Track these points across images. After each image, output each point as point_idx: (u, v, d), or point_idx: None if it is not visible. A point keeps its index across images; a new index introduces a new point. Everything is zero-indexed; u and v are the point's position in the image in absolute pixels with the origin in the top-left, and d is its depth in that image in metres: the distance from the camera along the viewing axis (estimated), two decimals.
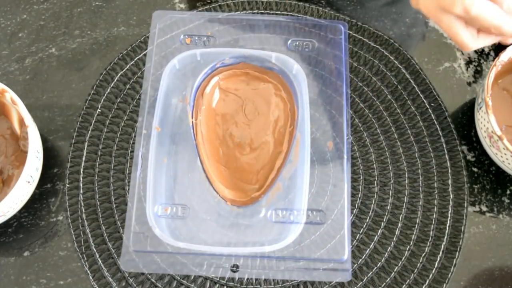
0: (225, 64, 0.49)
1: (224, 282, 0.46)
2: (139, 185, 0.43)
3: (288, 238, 0.42)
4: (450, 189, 0.50)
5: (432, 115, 0.53)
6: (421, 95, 0.53)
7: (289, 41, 0.49)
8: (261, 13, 0.56)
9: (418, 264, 0.47)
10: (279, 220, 0.43)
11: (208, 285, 0.46)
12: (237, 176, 0.47)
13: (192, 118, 0.47)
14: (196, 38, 0.49)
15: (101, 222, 0.48)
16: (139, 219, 0.42)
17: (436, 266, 0.47)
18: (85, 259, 0.47)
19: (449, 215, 0.49)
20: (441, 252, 0.48)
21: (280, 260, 0.42)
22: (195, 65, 0.48)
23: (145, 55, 0.54)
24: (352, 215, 0.49)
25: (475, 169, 0.52)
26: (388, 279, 0.47)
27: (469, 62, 0.56)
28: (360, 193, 0.50)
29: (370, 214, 0.49)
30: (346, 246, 0.42)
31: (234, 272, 0.42)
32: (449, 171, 0.51)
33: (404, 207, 0.49)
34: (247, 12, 0.56)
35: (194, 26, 0.49)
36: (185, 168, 0.46)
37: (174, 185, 0.45)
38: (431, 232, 0.48)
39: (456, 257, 0.48)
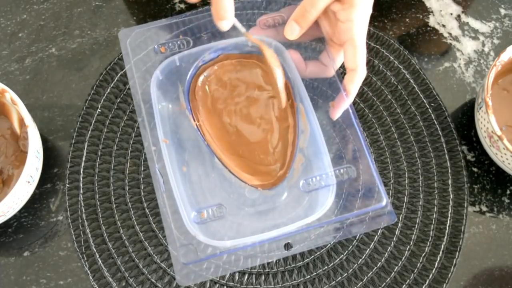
0: (206, 61, 0.49)
1: (224, 282, 0.46)
2: (168, 201, 0.42)
3: (327, 202, 0.42)
4: (450, 189, 0.50)
5: (432, 115, 0.53)
6: (421, 95, 0.53)
7: (259, 20, 0.48)
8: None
9: (418, 264, 0.47)
10: (312, 189, 0.43)
11: (208, 285, 0.46)
12: (256, 161, 0.47)
13: (194, 121, 0.47)
14: (170, 45, 0.49)
15: (101, 222, 0.48)
16: (179, 231, 0.41)
17: (436, 266, 0.47)
18: (85, 259, 0.47)
19: (449, 215, 0.49)
20: (441, 252, 0.48)
21: (325, 225, 0.42)
22: (178, 70, 0.48)
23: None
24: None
25: (475, 169, 0.52)
26: (388, 279, 0.47)
27: (469, 62, 0.56)
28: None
29: None
30: (382, 191, 0.42)
31: (288, 250, 0.42)
32: (449, 171, 0.51)
33: (404, 207, 0.49)
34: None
35: (164, 33, 0.49)
36: (206, 170, 0.46)
37: (202, 189, 0.45)
38: (431, 232, 0.48)
39: (456, 257, 0.48)
